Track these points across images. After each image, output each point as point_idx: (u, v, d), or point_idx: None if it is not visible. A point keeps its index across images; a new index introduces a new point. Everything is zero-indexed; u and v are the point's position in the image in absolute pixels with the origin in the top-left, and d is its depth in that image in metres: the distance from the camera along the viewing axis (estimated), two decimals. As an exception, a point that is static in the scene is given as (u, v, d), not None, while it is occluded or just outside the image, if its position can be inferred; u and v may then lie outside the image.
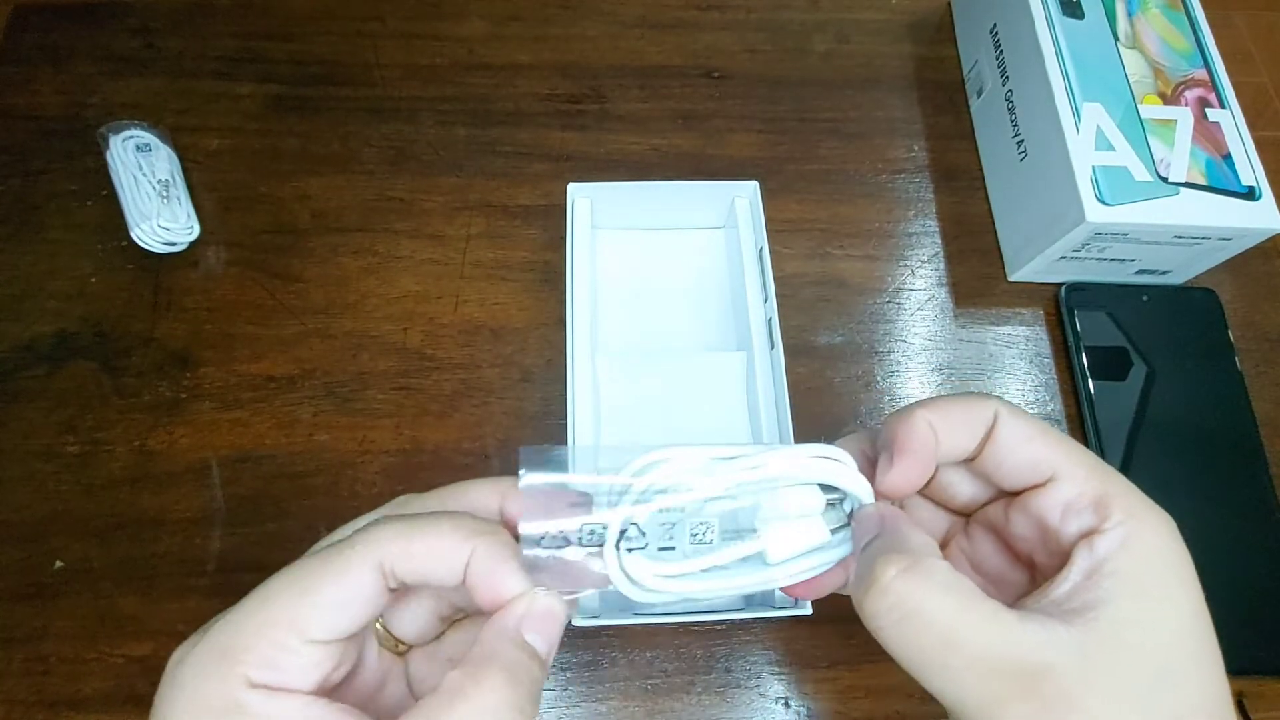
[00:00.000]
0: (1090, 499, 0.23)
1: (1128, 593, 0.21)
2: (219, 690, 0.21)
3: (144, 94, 0.53)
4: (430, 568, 0.22)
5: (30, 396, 0.44)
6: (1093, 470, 0.24)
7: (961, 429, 0.25)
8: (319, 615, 0.21)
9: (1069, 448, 0.24)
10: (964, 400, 0.25)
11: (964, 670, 0.21)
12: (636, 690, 0.40)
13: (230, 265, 0.48)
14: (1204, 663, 0.21)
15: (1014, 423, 0.24)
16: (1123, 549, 0.22)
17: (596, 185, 0.46)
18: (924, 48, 0.59)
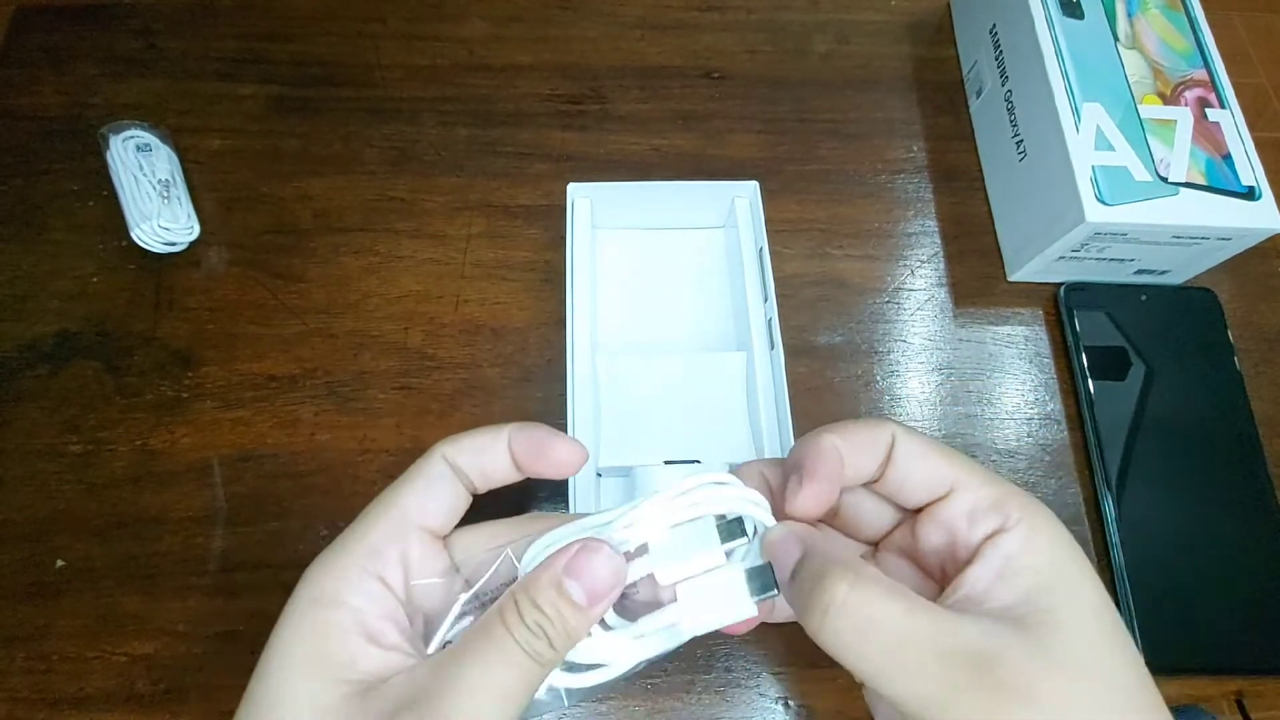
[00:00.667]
0: (989, 502, 0.25)
1: (1044, 585, 0.23)
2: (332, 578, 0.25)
3: (146, 95, 0.53)
4: (479, 452, 0.27)
5: (32, 396, 0.44)
6: (986, 478, 0.26)
7: (864, 450, 0.26)
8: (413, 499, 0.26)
9: (962, 460, 0.26)
10: (864, 423, 0.27)
11: (921, 666, 0.21)
12: (636, 690, 0.40)
13: (232, 265, 0.48)
14: (1121, 638, 0.23)
15: (910, 442, 0.26)
16: (1027, 545, 0.24)
17: (597, 185, 0.46)
18: (923, 48, 0.59)
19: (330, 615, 0.24)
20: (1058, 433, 0.47)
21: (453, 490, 0.27)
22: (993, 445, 0.47)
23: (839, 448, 0.26)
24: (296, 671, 0.23)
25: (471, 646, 0.23)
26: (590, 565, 0.24)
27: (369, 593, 0.24)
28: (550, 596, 0.23)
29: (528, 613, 0.23)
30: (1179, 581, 0.43)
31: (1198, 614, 0.42)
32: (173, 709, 0.38)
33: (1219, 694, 0.42)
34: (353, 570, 0.24)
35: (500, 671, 0.22)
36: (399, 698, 0.22)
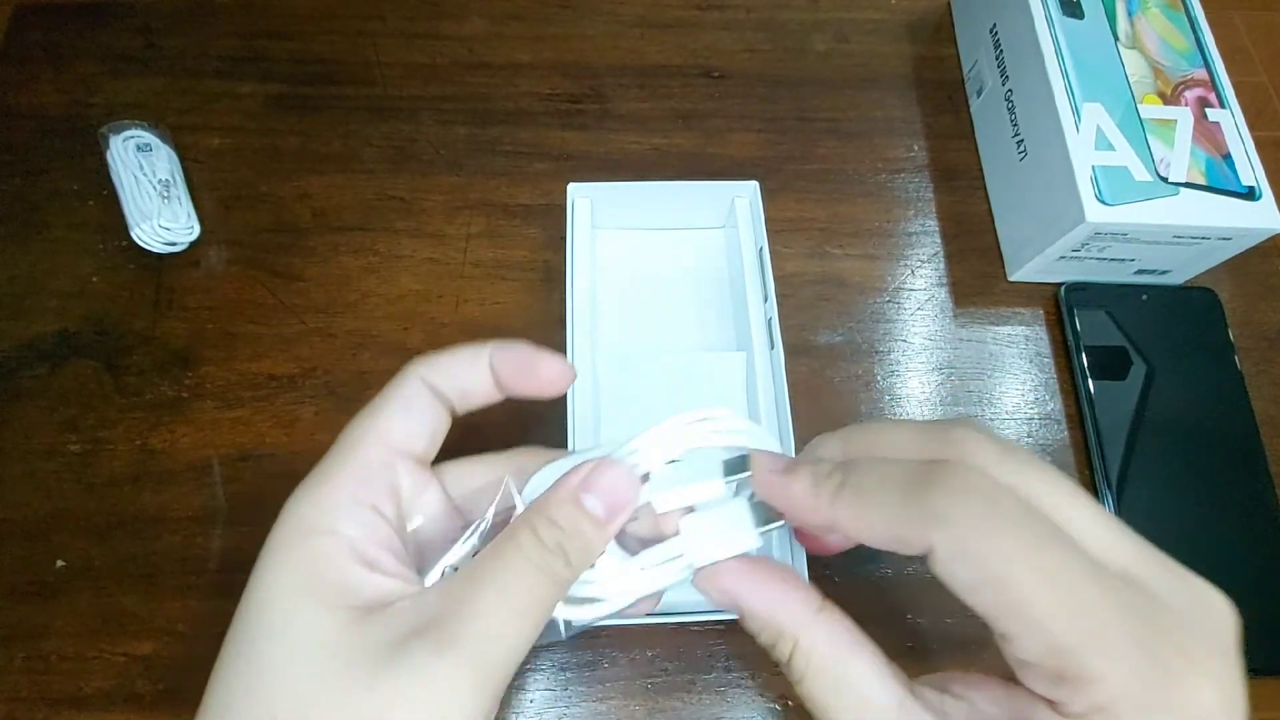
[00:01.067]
0: (1053, 672, 0.18)
1: None
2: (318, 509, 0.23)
3: (145, 93, 0.53)
4: (459, 373, 0.26)
5: (32, 395, 0.44)
6: (1054, 631, 0.18)
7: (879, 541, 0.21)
8: (393, 423, 0.25)
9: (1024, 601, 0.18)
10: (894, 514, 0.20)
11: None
12: (637, 689, 0.40)
13: (231, 264, 0.48)
14: None
15: (950, 567, 0.19)
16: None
17: (596, 185, 0.46)
18: (923, 47, 0.59)
19: (322, 543, 0.22)
20: (1058, 433, 0.47)
21: (432, 412, 0.26)
22: (993, 445, 0.47)
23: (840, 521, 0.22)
24: (290, 600, 0.21)
25: (486, 567, 0.22)
26: (607, 479, 0.23)
27: (362, 521, 0.23)
28: (568, 511, 0.22)
29: (544, 530, 0.22)
30: (1179, 581, 0.43)
31: (1197, 614, 0.42)
32: (172, 709, 0.38)
33: (1218, 694, 0.42)
34: (341, 497, 0.23)
35: (517, 591, 0.21)
36: (406, 623, 0.21)
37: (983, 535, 0.19)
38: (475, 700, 0.20)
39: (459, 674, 0.20)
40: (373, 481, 0.24)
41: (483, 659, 0.20)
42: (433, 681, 0.20)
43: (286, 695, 0.20)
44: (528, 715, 0.39)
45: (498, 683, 0.21)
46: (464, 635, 0.20)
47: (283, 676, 0.21)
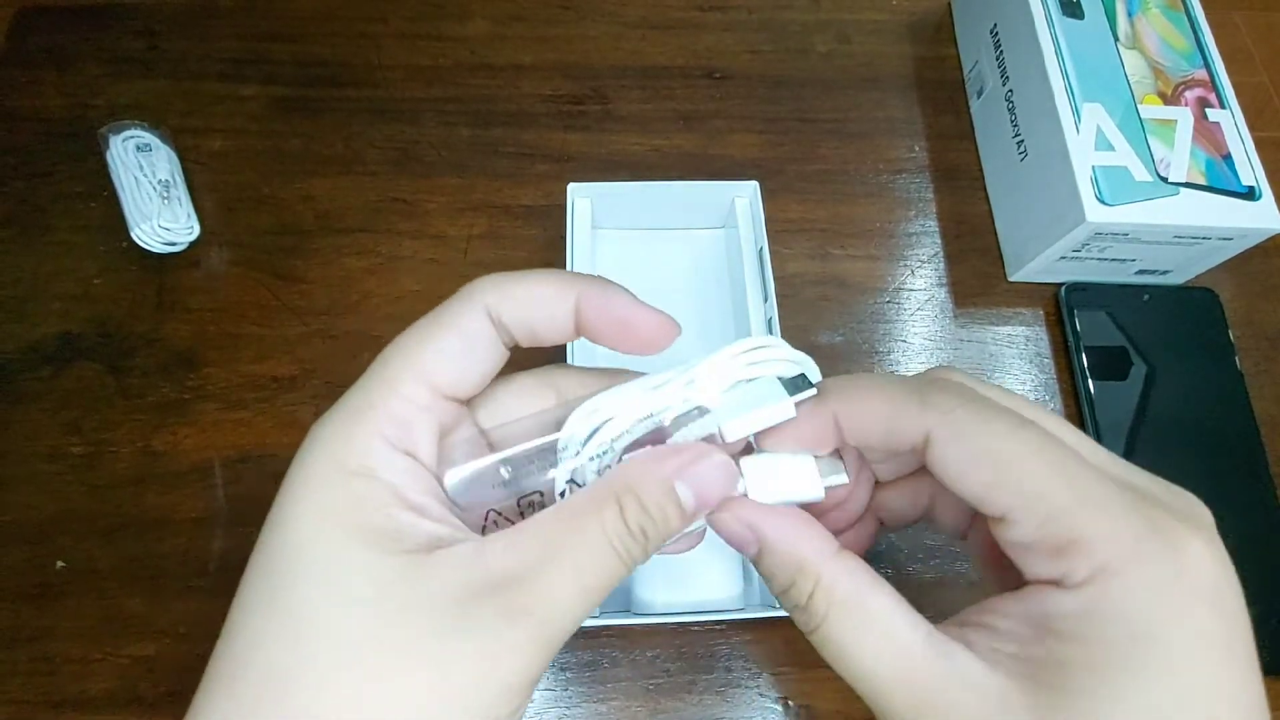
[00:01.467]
0: (1049, 547, 0.19)
1: (1079, 665, 0.18)
2: (355, 450, 0.20)
3: (148, 95, 0.53)
4: (534, 312, 0.22)
5: (35, 397, 0.44)
6: (1056, 509, 0.19)
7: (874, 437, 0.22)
8: (442, 364, 0.22)
9: (1026, 479, 0.19)
10: (890, 403, 0.21)
11: (863, 681, 0.20)
12: (638, 690, 0.40)
13: (234, 266, 0.48)
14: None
15: (947, 450, 0.20)
16: (1083, 615, 0.18)
17: (597, 185, 0.46)
18: (924, 48, 0.59)
19: (363, 487, 0.20)
20: (1058, 433, 0.47)
21: (492, 352, 0.22)
22: (993, 445, 0.47)
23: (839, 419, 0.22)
24: (333, 540, 0.19)
25: (564, 538, 0.20)
26: (706, 471, 0.21)
27: (400, 467, 0.21)
28: (658, 498, 0.21)
29: (631, 512, 0.20)
30: (1179, 581, 0.43)
31: (1198, 614, 0.42)
32: (175, 711, 0.38)
33: (1219, 693, 0.42)
34: (377, 442, 0.21)
35: (593, 570, 0.20)
36: (472, 578, 0.19)
37: (978, 418, 0.20)
38: (535, 669, 0.19)
39: (527, 643, 0.19)
40: (413, 426, 0.21)
41: (548, 630, 0.19)
42: (501, 647, 0.19)
43: (333, 642, 0.18)
44: (527, 715, 0.39)
45: (553, 653, 0.20)
46: (536, 606, 0.19)
47: (329, 622, 0.19)
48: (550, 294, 0.22)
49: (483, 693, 0.19)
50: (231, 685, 0.19)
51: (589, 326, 0.23)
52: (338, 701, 0.18)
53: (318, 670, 0.18)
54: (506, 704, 0.19)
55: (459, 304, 0.22)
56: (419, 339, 0.22)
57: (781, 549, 0.22)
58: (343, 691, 0.18)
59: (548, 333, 0.23)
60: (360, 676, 0.18)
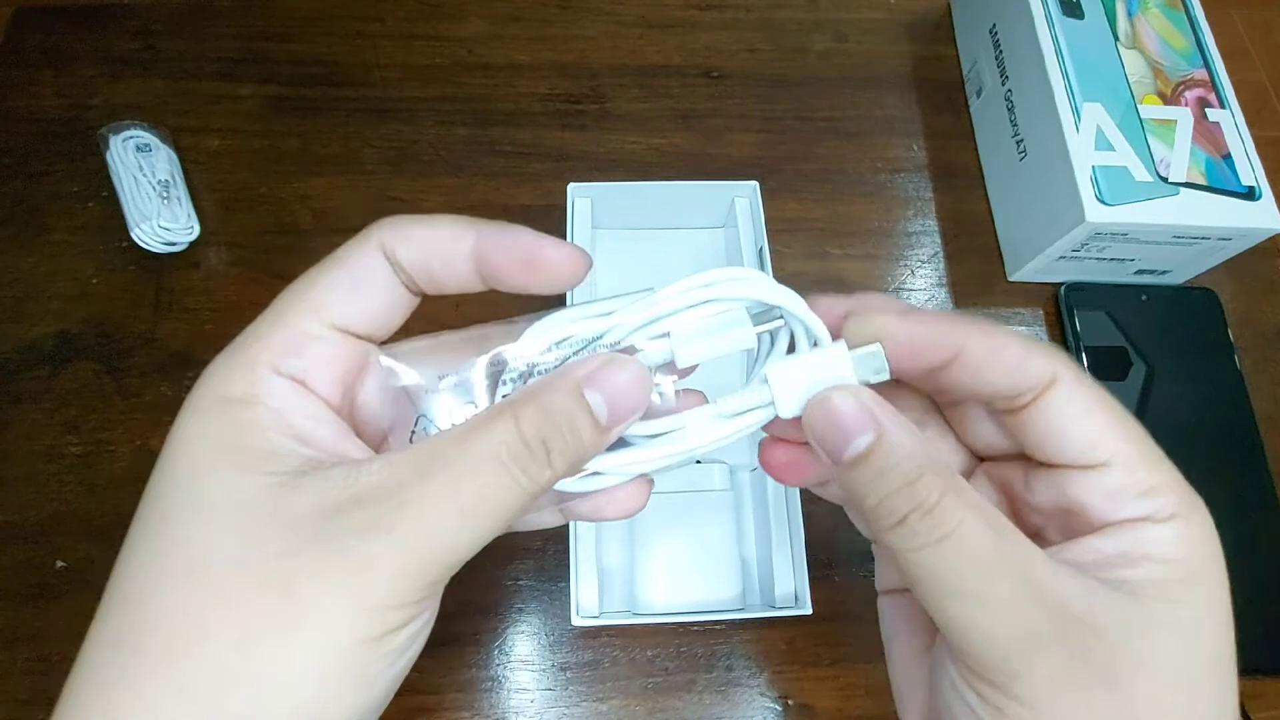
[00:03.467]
0: (1143, 488, 0.21)
1: (1176, 580, 0.20)
2: (240, 378, 0.20)
3: (145, 95, 0.53)
4: (430, 253, 0.21)
5: (33, 397, 0.44)
6: (1149, 458, 0.21)
7: (1000, 371, 0.21)
8: (337, 299, 0.21)
9: (1129, 429, 0.21)
10: (1023, 349, 0.21)
11: (1001, 602, 0.18)
12: (637, 689, 0.40)
13: (232, 266, 0.48)
14: (1230, 663, 0.20)
15: (1074, 393, 0.21)
16: (1174, 541, 0.20)
17: (596, 185, 0.46)
18: (923, 47, 0.59)
19: (243, 412, 0.19)
20: (1058, 432, 0.47)
21: (388, 292, 0.22)
22: (993, 445, 0.47)
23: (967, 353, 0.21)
24: (205, 466, 0.19)
25: (443, 450, 0.19)
26: (620, 378, 0.20)
27: (286, 392, 0.20)
28: (563, 403, 0.19)
29: (529, 420, 0.19)
30: (1179, 581, 0.43)
31: (1197, 613, 0.42)
32: (174, 710, 0.38)
33: (1219, 693, 0.42)
34: (262, 370, 0.20)
35: (470, 488, 0.18)
36: (338, 494, 0.18)
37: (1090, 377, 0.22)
38: (400, 592, 0.18)
39: (385, 562, 0.18)
40: (302, 354, 0.20)
41: (417, 554, 0.18)
42: (354, 563, 0.18)
43: (191, 564, 0.18)
44: (527, 715, 0.39)
45: (431, 579, 0.18)
46: (398, 523, 0.18)
47: (196, 544, 0.18)
48: (446, 235, 0.21)
49: (336, 618, 0.18)
50: (105, 607, 0.19)
51: (493, 269, 0.22)
52: (185, 620, 0.18)
53: (173, 591, 0.18)
54: (370, 637, 0.18)
55: (354, 242, 0.22)
56: (311, 277, 0.21)
57: (910, 438, 0.20)
58: (191, 610, 0.18)
59: (446, 277, 0.22)
60: (209, 597, 0.18)
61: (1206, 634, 0.20)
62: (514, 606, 0.41)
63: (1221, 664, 0.20)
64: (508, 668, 0.40)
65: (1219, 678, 0.20)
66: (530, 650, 0.41)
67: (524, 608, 0.41)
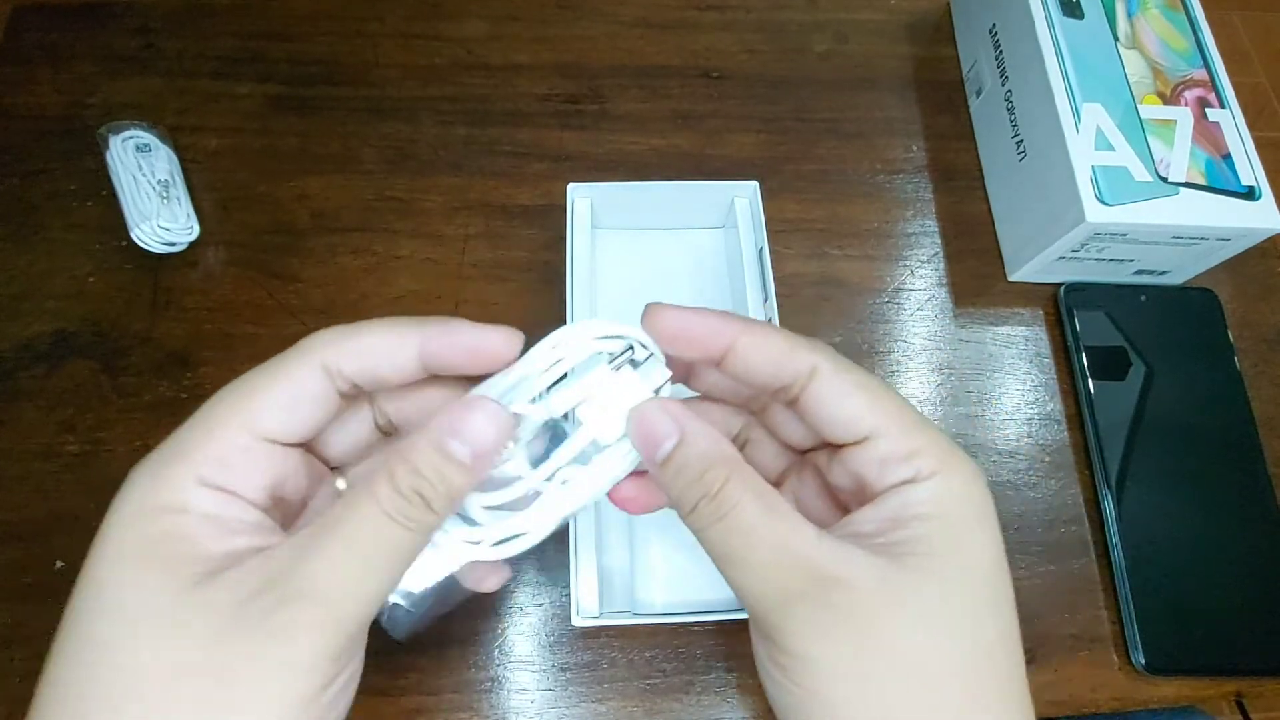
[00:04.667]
0: (904, 453, 0.23)
1: (936, 533, 0.22)
2: (166, 489, 0.21)
3: (144, 94, 0.53)
4: (375, 362, 0.23)
5: (29, 396, 0.44)
6: (907, 426, 0.24)
7: (767, 363, 0.25)
8: (269, 414, 0.22)
9: (886, 404, 0.24)
10: (787, 343, 0.24)
11: (764, 566, 0.22)
12: (636, 690, 0.40)
13: (230, 265, 0.48)
14: (1002, 606, 0.22)
15: (832, 380, 0.24)
16: (933, 496, 0.23)
17: (596, 185, 0.46)
18: (923, 48, 0.59)
19: (170, 520, 0.21)
20: (1058, 433, 0.47)
21: (324, 407, 0.23)
22: (993, 445, 0.47)
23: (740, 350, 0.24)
24: (127, 574, 0.20)
25: (335, 515, 0.21)
26: (475, 422, 0.22)
27: (214, 501, 0.21)
28: (430, 458, 0.21)
29: (403, 477, 0.21)
30: (1179, 581, 0.43)
31: (1197, 614, 0.42)
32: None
33: (1219, 694, 0.42)
34: (188, 481, 0.21)
35: (366, 540, 0.20)
36: (254, 580, 0.20)
37: (846, 361, 0.25)
38: (327, 647, 0.20)
39: (306, 624, 0.19)
40: (230, 467, 0.22)
41: (334, 610, 0.20)
42: (280, 636, 0.19)
43: (123, 671, 0.19)
44: (527, 715, 0.39)
45: (351, 630, 0.20)
46: (308, 587, 0.19)
47: (119, 651, 0.19)
48: (392, 345, 0.23)
49: (276, 691, 0.19)
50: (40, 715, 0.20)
51: (440, 363, 0.24)
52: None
53: (111, 701, 0.19)
54: (308, 696, 0.19)
55: (294, 356, 0.23)
56: (248, 389, 0.23)
57: (705, 439, 0.23)
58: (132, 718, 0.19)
59: (392, 377, 0.24)
60: (146, 702, 0.19)
61: (970, 581, 0.22)
62: (514, 607, 0.41)
63: (989, 607, 0.22)
64: (507, 668, 0.40)
65: (989, 620, 0.22)
66: (530, 651, 0.40)
67: (524, 608, 0.41)
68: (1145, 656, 0.41)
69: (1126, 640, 0.42)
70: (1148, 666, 0.41)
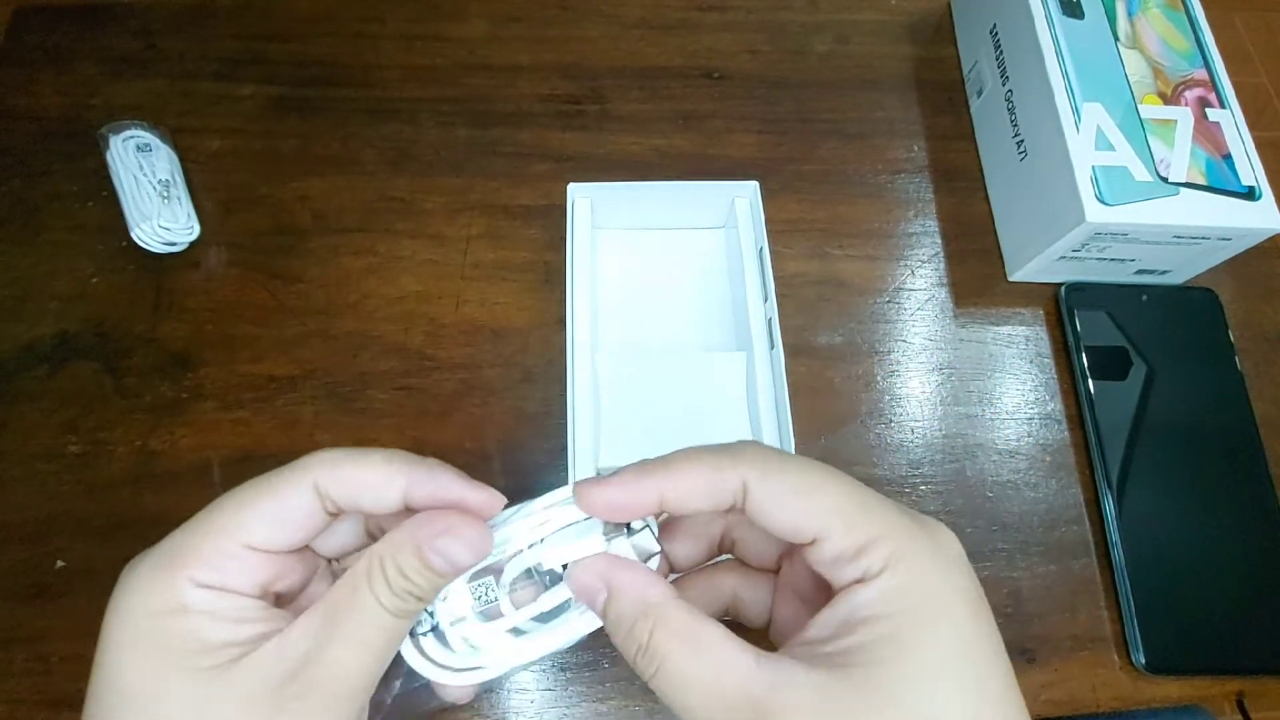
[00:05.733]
0: (851, 551, 0.23)
1: (884, 637, 0.21)
2: (165, 591, 0.23)
3: (145, 95, 0.53)
4: (362, 494, 0.24)
5: (31, 397, 0.44)
6: (851, 521, 0.23)
7: (698, 498, 0.25)
8: (259, 527, 0.24)
9: (825, 502, 0.23)
10: (710, 469, 0.24)
11: (702, 709, 0.22)
12: (637, 690, 0.40)
13: (231, 266, 0.48)
14: (970, 695, 0.21)
15: (762, 490, 0.24)
16: (881, 596, 0.22)
17: (597, 185, 0.46)
18: (923, 48, 0.59)
19: (175, 621, 0.22)
20: (1058, 433, 0.47)
21: (311, 523, 0.25)
22: (993, 445, 0.47)
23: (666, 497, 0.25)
24: (151, 677, 0.22)
25: (343, 609, 0.23)
26: (455, 544, 0.24)
27: (211, 599, 0.23)
28: (413, 564, 0.23)
29: (393, 579, 0.23)
30: (1179, 581, 0.43)
31: (1198, 614, 0.42)
32: (172, 710, 0.38)
33: (1219, 694, 0.42)
34: (185, 584, 0.23)
35: (371, 631, 0.23)
36: (278, 668, 0.22)
37: (783, 462, 0.24)
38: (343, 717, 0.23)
39: (329, 706, 0.22)
40: (221, 570, 0.23)
41: (343, 690, 0.23)
42: (307, 716, 0.22)
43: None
44: (527, 715, 0.39)
45: (360, 702, 0.23)
46: (329, 674, 0.22)
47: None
48: (380, 479, 0.24)
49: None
50: None
51: (419, 507, 0.25)
52: None
53: None
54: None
55: (289, 474, 0.24)
56: (239, 502, 0.24)
57: (629, 592, 0.24)
58: None
59: (374, 508, 0.25)
60: None
61: (922, 687, 0.21)
62: (514, 607, 0.41)
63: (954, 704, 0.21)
64: (507, 668, 0.40)
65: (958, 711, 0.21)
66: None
67: (524, 608, 0.41)
68: (1146, 656, 0.41)
69: (1127, 640, 0.42)
70: (1148, 666, 0.41)
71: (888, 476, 0.46)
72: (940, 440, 0.47)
